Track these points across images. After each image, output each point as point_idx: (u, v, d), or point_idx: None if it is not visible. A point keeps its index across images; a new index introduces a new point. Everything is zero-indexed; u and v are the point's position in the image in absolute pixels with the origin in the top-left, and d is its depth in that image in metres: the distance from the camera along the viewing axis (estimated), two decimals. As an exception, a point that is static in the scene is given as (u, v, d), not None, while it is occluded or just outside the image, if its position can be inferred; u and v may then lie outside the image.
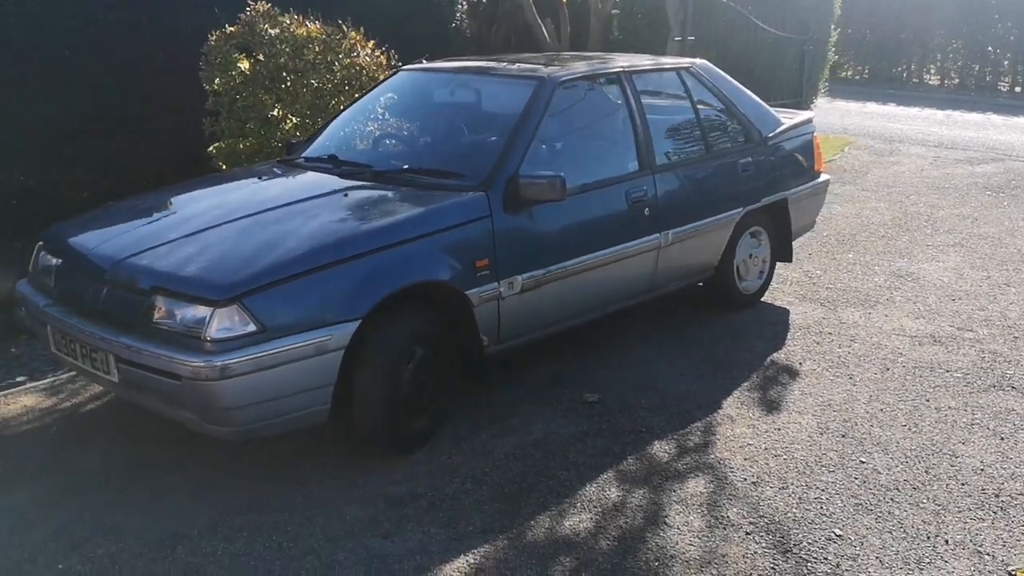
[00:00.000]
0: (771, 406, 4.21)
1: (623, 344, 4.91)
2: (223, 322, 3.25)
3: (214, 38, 6.45)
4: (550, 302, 4.20)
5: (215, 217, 3.88)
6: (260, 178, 4.52)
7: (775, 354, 4.83)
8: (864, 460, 3.73)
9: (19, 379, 4.66)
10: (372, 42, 6.83)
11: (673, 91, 5.13)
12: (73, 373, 4.36)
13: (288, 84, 6.46)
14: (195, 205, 4.16)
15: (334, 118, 5.05)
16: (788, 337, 5.07)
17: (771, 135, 5.38)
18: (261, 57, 6.39)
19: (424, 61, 5.33)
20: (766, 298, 5.68)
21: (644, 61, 5.12)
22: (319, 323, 3.38)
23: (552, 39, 9.54)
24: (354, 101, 5.10)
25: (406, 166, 4.26)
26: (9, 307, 4.89)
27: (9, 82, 6.50)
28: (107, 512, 3.36)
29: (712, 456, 3.76)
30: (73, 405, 4.30)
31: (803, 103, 11.02)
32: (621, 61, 4.91)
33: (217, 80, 6.39)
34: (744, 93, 5.42)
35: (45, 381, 4.57)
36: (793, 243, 5.89)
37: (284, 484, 3.55)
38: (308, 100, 6.43)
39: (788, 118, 5.70)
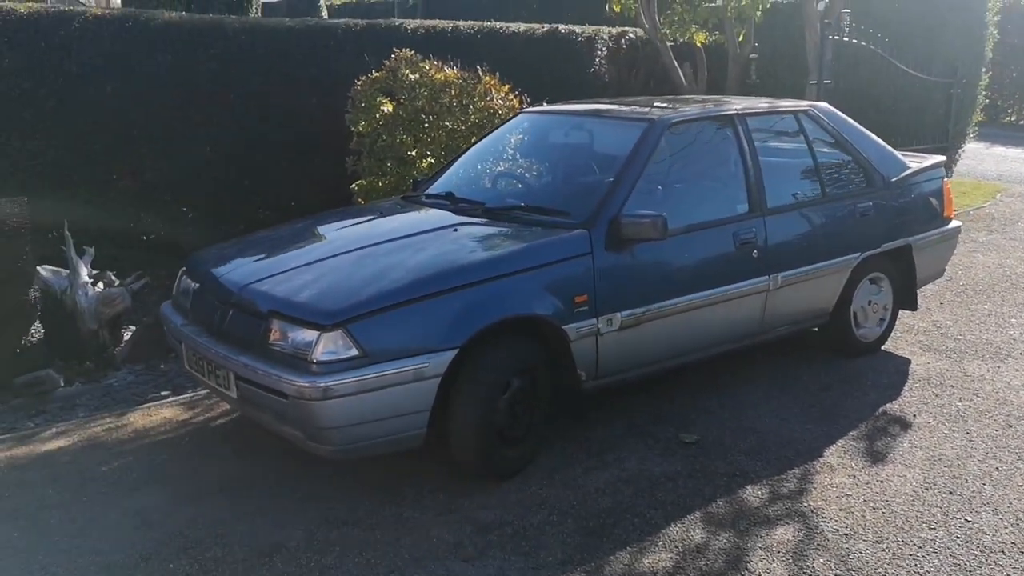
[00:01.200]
0: (876, 457, 4.10)
1: (728, 385, 4.88)
2: (328, 346, 3.46)
3: (360, 83, 6.86)
4: (650, 341, 4.24)
5: (334, 248, 4.15)
6: (382, 213, 4.78)
7: (888, 404, 4.68)
8: (970, 519, 3.58)
9: (163, 393, 5.07)
10: (507, 86, 7.07)
11: (790, 134, 5.09)
12: (207, 390, 4.69)
13: (425, 126, 6.79)
14: (319, 236, 4.44)
15: (458, 157, 5.27)
16: (905, 388, 4.91)
17: (895, 179, 5.25)
18: (402, 100, 6.75)
19: (545, 104, 5.50)
20: (887, 347, 5.51)
21: (760, 104, 5.11)
22: (419, 350, 3.54)
23: (689, 82, 9.57)
24: (477, 141, 5.31)
25: (516, 203, 4.41)
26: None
27: (194, 125, 7.14)
28: (220, 519, 3.61)
29: (806, 504, 3.70)
30: (205, 419, 4.62)
31: (950, 148, 10.58)
32: (736, 104, 4.93)
33: (363, 123, 6.79)
34: (866, 136, 5.32)
35: (185, 396, 4.94)
36: (921, 291, 5.71)
37: (380, 503, 3.72)
38: (443, 141, 6.73)
39: (917, 162, 5.54)
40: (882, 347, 5.47)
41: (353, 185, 6.92)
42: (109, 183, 6.99)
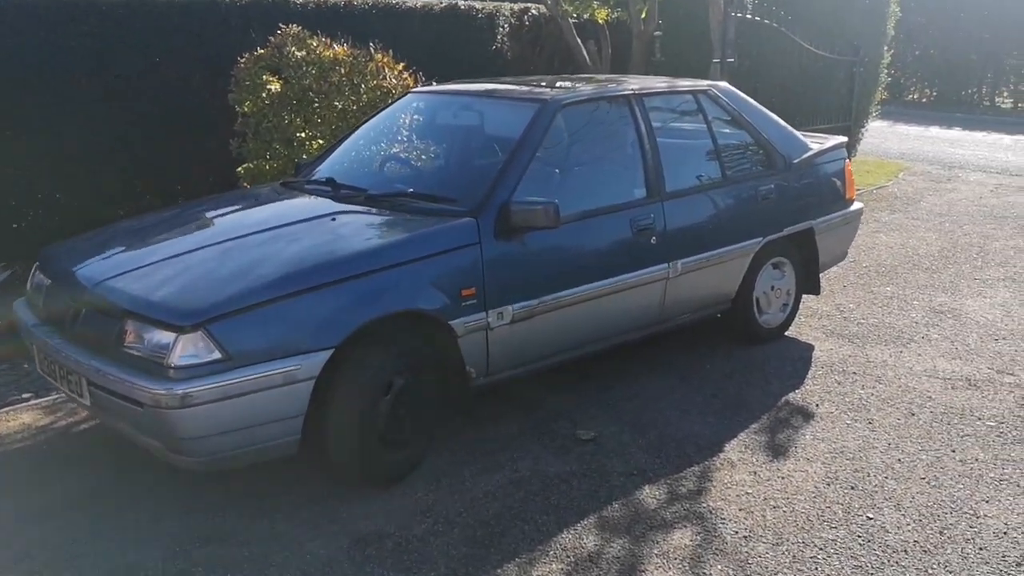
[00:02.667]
0: (778, 451, 3.96)
1: (628, 378, 4.70)
2: (187, 348, 3.15)
3: (244, 60, 6.46)
4: (544, 334, 4.02)
5: (201, 240, 3.82)
6: (258, 200, 4.44)
7: (791, 394, 4.56)
8: (872, 516, 3.46)
9: (25, 395, 4.65)
10: (402, 64, 6.76)
11: (689, 115, 4.92)
12: (65, 394, 4.32)
13: (315, 106, 6.44)
14: (187, 227, 4.09)
15: (342, 140, 4.95)
16: (808, 376, 4.80)
17: (797, 160, 5.13)
18: (289, 79, 6.39)
19: (434, 83, 5.21)
20: (791, 332, 5.41)
21: (658, 84, 4.91)
22: (289, 351, 3.26)
23: (593, 61, 9.37)
24: (361, 124, 5.00)
25: (401, 190, 4.13)
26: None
27: (70, 106, 6.65)
28: (73, 537, 3.27)
29: (705, 505, 3.52)
30: (67, 425, 4.25)
31: (853, 127, 10.63)
32: (634, 84, 4.71)
33: (248, 102, 6.41)
34: (767, 117, 5.18)
35: (47, 399, 4.54)
36: (823, 275, 5.62)
37: (252, 515, 3.43)
38: (333, 122, 6.39)
39: (818, 143, 5.44)
40: (785, 333, 5.36)
41: (239, 168, 6.56)
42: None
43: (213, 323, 3.17)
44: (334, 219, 3.89)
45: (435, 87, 5.07)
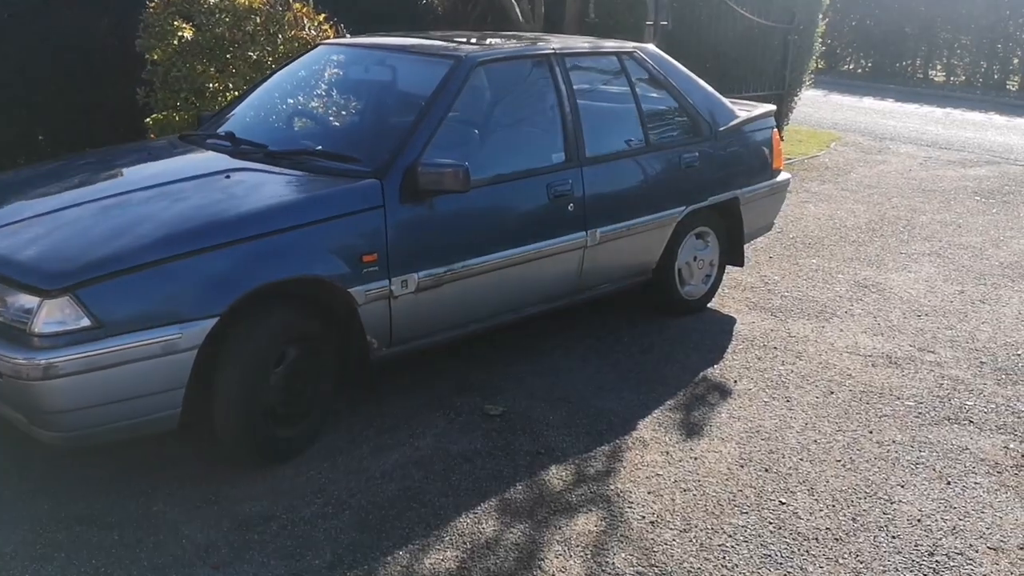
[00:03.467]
0: (692, 430, 3.82)
1: (542, 350, 4.52)
2: (53, 315, 2.88)
3: (153, 5, 6.07)
4: (452, 303, 3.81)
5: (79, 196, 3.52)
6: (150, 155, 4.14)
7: (709, 369, 4.43)
8: (784, 501, 3.34)
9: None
10: (323, 15, 6.43)
11: (613, 78, 4.71)
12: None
13: (228, 56, 6.09)
14: (69, 181, 3.76)
15: (248, 92, 4.64)
16: (728, 350, 4.67)
17: (723, 128, 4.96)
18: (201, 27, 6.02)
19: (348, 35, 4.92)
20: (714, 304, 5.28)
21: (581, 44, 4.69)
22: (168, 319, 3.01)
23: (526, 19, 9.10)
24: (269, 76, 4.69)
25: (303, 148, 3.86)
26: None
27: None
28: (-82, 522, 3.00)
29: (612, 487, 3.37)
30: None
31: (786, 95, 10.53)
32: (555, 43, 4.47)
33: (157, 50, 6.04)
34: (694, 82, 5.00)
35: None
36: (748, 246, 5.49)
37: (127, 495, 3.18)
38: (247, 73, 6.05)
39: (746, 111, 5.28)
40: (708, 305, 5.23)
41: (148, 119, 6.20)
42: None
43: (82, 287, 2.90)
44: (228, 176, 3.62)
45: (348, 40, 4.78)
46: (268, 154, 3.83)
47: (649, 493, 3.34)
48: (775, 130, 5.39)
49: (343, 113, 4.24)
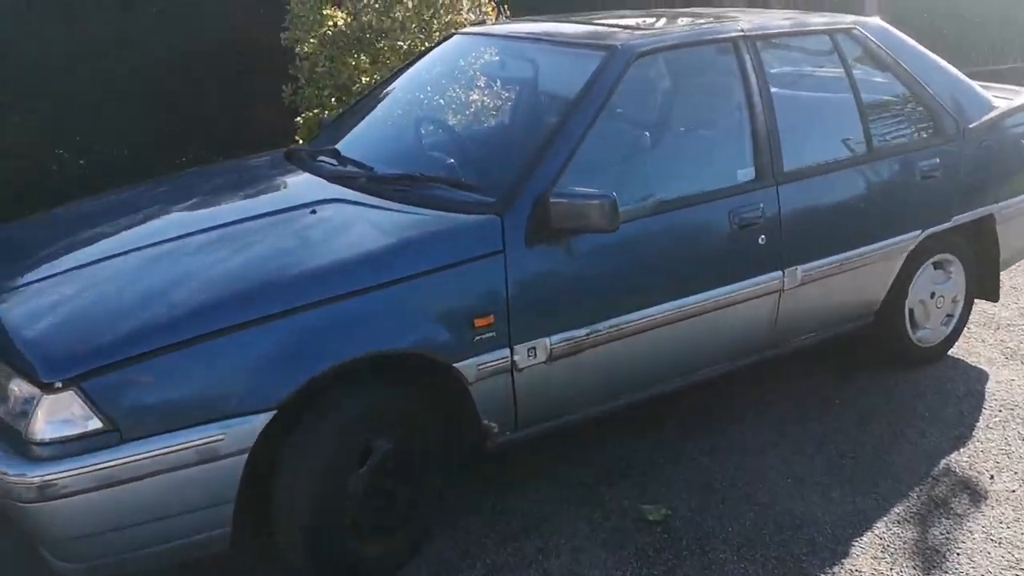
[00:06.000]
0: (927, 561, 2.73)
1: (719, 417, 3.50)
2: (55, 413, 2.22)
3: (301, -8, 5.49)
4: (598, 373, 2.91)
5: (133, 238, 2.87)
6: (240, 177, 3.45)
7: (953, 455, 3.27)
8: None
9: None
10: (486, -6, 5.62)
11: (823, 64, 3.62)
12: None
13: (381, 46, 5.42)
14: (132, 217, 3.11)
15: (371, 95, 3.89)
16: (979, 424, 3.48)
17: (974, 124, 3.74)
18: (350, 13, 5.39)
19: (492, 19, 4.08)
20: (957, 352, 4.05)
21: (779, 21, 3.59)
22: (206, 416, 2.29)
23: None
24: (395, 74, 3.91)
25: (410, 172, 3.02)
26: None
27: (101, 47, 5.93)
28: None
29: (814, 655, 2.37)
30: None
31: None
32: (744, 22, 3.40)
33: (307, 41, 5.46)
34: (934, 64, 3.78)
35: None
36: (1004, 274, 4.22)
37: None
38: (396, 65, 5.35)
39: (1005, 98, 4.01)
40: (948, 353, 4.02)
41: (298, 118, 5.64)
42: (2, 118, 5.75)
43: (91, 378, 2.22)
44: (314, 212, 2.85)
45: (485, 28, 3.92)
46: (370, 179, 3.04)
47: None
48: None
49: (468, 124, 3.38)
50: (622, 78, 2.98)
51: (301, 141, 5.69)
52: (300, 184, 3.19)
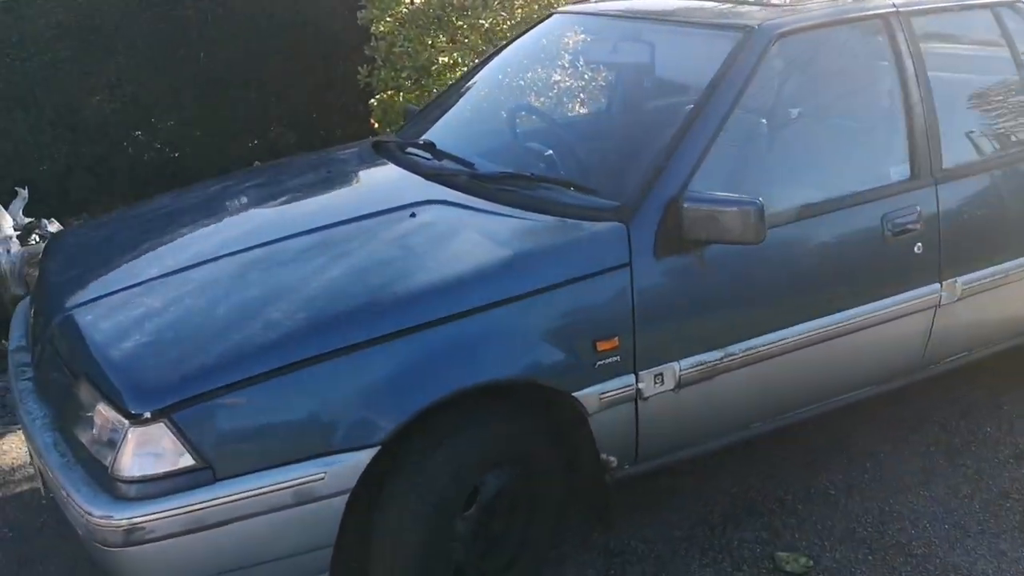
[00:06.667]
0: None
1: (857, 446, 3.12)
2: (144, 447, 1.97)
3: (377, -32, 5.23)
4: (729, 400, 2.57)
5: (223, 242, 2.59)
6: (329, 172, 3.16)
7: None
8: None
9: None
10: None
11: (986, 43, 3.18)
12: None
13: (460, 24, 5.13)
14: (219, 217, 2.86)
15: (463, 80, 3.58)
16: None
17: None
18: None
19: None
20: None
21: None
22: (305, 452, 2.03)
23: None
24: (489, 57, 3.58)
25: (515, 171, 2.70)
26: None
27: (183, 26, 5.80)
28: None
29: None
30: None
31: None
32: (898, -5, 2.99)
33: (389, 18, 5.20)
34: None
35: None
36: None
37: None
38: (477, 46, 5.05)
39: None
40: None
41: (372, 100, 5.40)
42: (80, 102, 5.60)
43: (182, 408, 1.97)
44: (414, 215, 2.55)
45: (591, 6, 3.56)
46: (472, 179, 2.73)
47: None
48: None
49: (575, 115, 3.05)
50: (760, 63, 2.60)
51: (377, 124, 5.46)
52: (394, 181, 2.89)
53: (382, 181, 2.95)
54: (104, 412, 2.05)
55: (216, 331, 2.14)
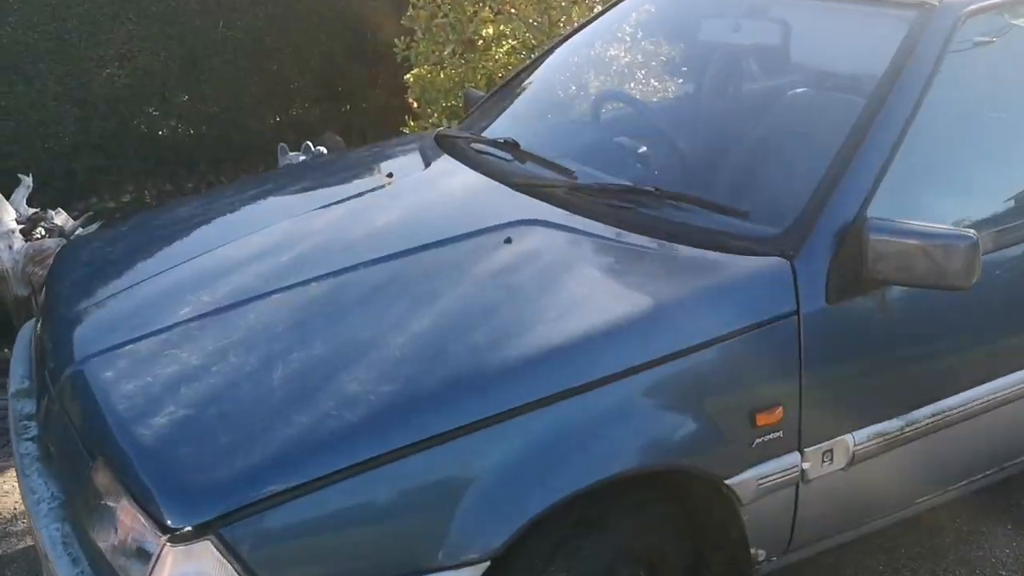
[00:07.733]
0: None
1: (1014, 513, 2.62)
2: (183, 567, 1.47)
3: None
4: (901, 474, 2.06)
5: (269, 272, 2.05)
6: (390, 176, 2.61)
7: None
8: None
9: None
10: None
11: None
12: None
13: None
14: (259, 234, 2.31)
15: (535, 64, 3.02)
16: None
17: None
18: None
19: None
20: None
21: None
22: (391, 570, 1.53)
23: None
24: (569, 35, 3.02)
25: (632, 185, 2.17)
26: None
27: None
28: None
29: None
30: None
31: None
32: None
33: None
34: None
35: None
36: None
37: None
38: (528, 15, 4.50)
39: None
40: None
41: (408, 76, 4.87)
42: (88, 72, 5.10)
43: (233, 521, 1.47)
44: (508, 240, 2.03)
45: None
46: (574, 190, 2.19)
47: None
48: None
49: (700, 111, 2.50)
50: (946, 49, 2.06)
51: (416, 104, 4.95)
52: (474, 191, 2.36)
53: (459, 190, 2.41)
54: (130, 514, 1.55)
55: (275, 407, 1.63)
